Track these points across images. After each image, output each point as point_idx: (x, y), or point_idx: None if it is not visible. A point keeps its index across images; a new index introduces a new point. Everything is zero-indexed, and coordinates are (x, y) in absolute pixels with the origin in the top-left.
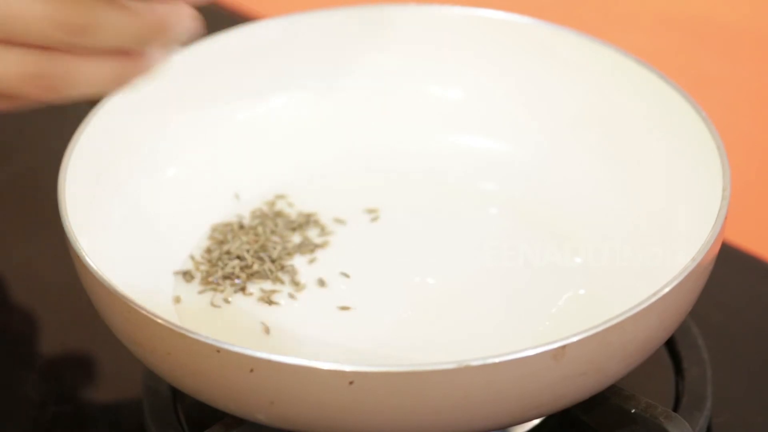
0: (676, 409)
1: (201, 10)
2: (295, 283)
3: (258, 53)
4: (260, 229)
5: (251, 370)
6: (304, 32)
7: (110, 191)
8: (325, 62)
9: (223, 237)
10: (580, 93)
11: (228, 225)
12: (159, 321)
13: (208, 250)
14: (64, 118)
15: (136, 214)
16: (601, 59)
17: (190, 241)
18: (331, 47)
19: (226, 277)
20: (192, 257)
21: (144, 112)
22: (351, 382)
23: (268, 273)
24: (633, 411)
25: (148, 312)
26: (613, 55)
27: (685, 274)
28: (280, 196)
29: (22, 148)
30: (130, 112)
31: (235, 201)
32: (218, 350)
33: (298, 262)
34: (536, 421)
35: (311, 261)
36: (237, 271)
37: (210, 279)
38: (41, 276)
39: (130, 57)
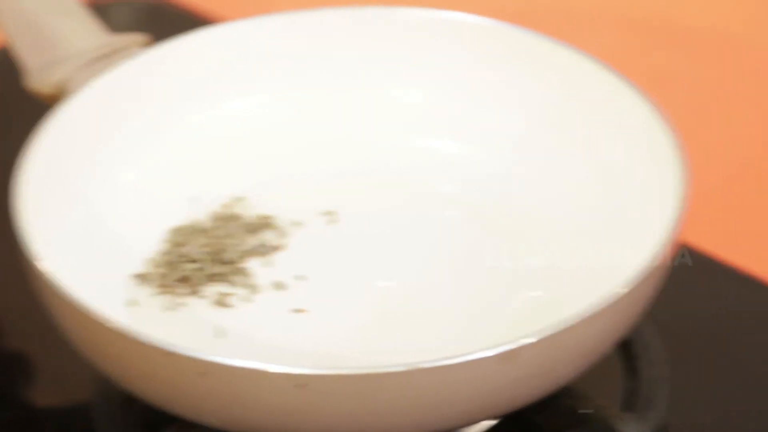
0: (629, 409)
1: (159, 12)
2: (251, 286)
3: (216, 56)
4: (217, 232)
5: (202, 373)
6: (263, 35)
7: (65, 194)
8: (284, 65)
9: (180, 239)
10: (541, 95)
11: (186, 227)
12: (109, 325)
13: (165, 253)
14: (19, 120)
15: (91, 217)
16: (561, 61)
17: (147, 244)
18: (289, 50)
19: (182, 280)
20: (148, 260)
21: (100, 115)
22: (302, 385)
23: (224, 276)
24: (585, 412)
25: (99, 316)
26: (573, 56)
27: (638, 278)
28: (238, 199)
29: None
30: (85, 115)
31: (193, 204)
32: (169, 353)
33: (255, 264)
34: (489, 423)
35: (268, 264)
36: (193, 273)
37: (166, 282)
38: None
39: None
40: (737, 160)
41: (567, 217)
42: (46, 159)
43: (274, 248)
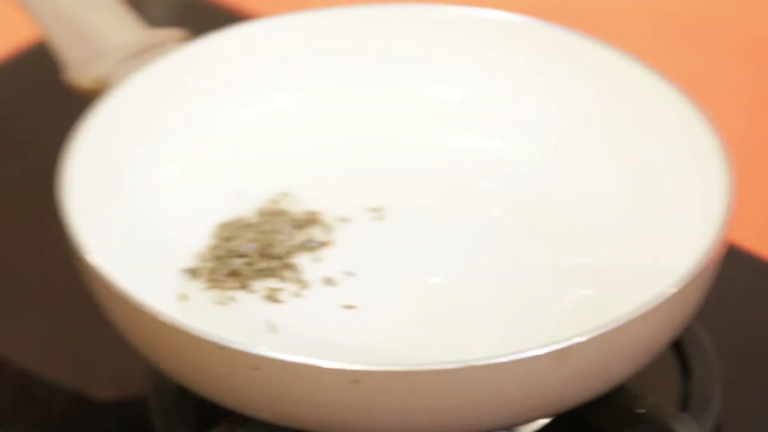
0: (684, 409)
1: (196, 7)
2: (300, 281)
3: (256, 51)
4: (265, 227)
5: (255, 368)
6: (308, 31)
7: (113, 190)
8: (323, 61)
9: (228, 234)
10: (583, 94)
11: (234, 222)
12: (163, 319)
13: (214, 248)
14: (66, 115)
15: (140, 212)
16: (602, 60)
17: (196, 238)
18: (329, 46)
19: (231, 275)
20: (198, 255)
21: (141, 110)
22: (355, 381)
23: (274, 270)
24: (641, 411)
25: (151, 310)
26: (614, 55)
27: (691, 276)
28: (285, 194)
29: (23, 146)
30: (126, 109)
31: (241, 199)
32: (222, 348)
33: (303, 260)
34: (543, 422)
35: (316, 259)
36: (242, 268)
37: (215, 276)
38: (45, 276)
39: None
40: None
41: (609, 216)
42: (89, 154)
43: (322, 244)
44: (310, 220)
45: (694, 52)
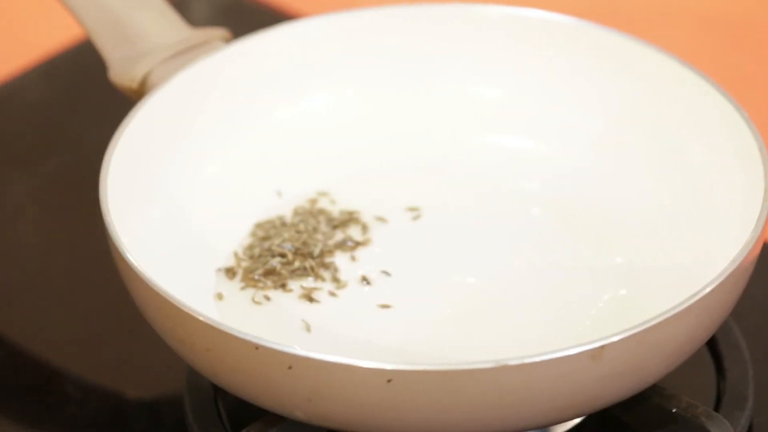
0: (717, 408)
1: (237, 6)
2: (336, 281)
3: (297, 51)
4: (302, 226)
5: (290, 367)
6: (349, 31)
7: (153, 189)
8: (363, 60)
9: (265, 234)
10: (623, 93)
11: (270, 222)
12: (199, 318)
13: (250, 247)
14: (106, 114)
15: (177, 211)
16: (643, 59)
17: (233, 238)
18: (369, 46)
19: (267, 274)
20: (234, 254)
21: (182, 109)
22: (389, 381)
23: (310, 270)
24: (674, 410)
25: (187, 309)
26: (655, 55)
27: (725, 275)
28: (322, 194)
29: (63, 145)
30: (168, 108)
31: (277, 198)
32: (257, 347)
33: (340, 259)
34: (576, 421)
35: (352, 259)
36: (279, 267)
37: (251, 275)
38: (83, 274)
39: None
40: None
41: (647, 216)
42: (130, 153)
43: (358, 243)
44: (346, 220)
45: (736, 52)
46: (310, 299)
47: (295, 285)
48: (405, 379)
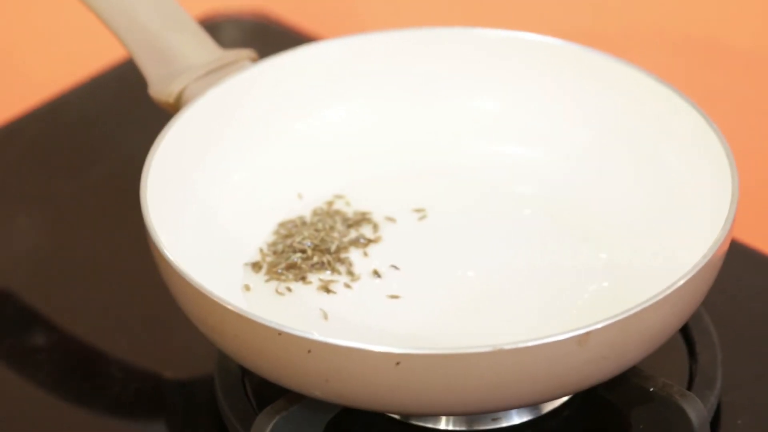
0: (689, 388)
1: (263, 29)
2: (351, 274)
3: (318, 70)
4: (320, 225)
5: (309, 351)
6: (362, 52)
7: (186, 193)
8: (376, 78)
9: (287, 232)
10: (607, 107)
11: (292, 221)
12: (228, 307)
13: (274, 244)
14: (146, 127)
15: (209, 213)
16: (624, 77)
17: (259, 236)
18: (381, 65)
19: (289, 268)
20: (260, 250)
21: (213, 122)
22: (398, 363)
23: (327, 264)
24: (651, 390)
25: (218, 299)
26: (634, 73)
27: (697, 269)
28: (338, 196)
29: (106, 154)
30: (201, 122)
31: (298, 200)
32: (280, 333)
33: (354, 255)
34: (564, 399)
35: (365, 254)
36: (299, 262)
37: (275, 269)
38: (125, 269)
39: None
40: None
41: (627, 216)
42: (167, 161)
43: (370, 241)
44: (360, 220)
45: (707, 71)
46: (327, 290)
47: (314, 278)
48: (412, 361)
